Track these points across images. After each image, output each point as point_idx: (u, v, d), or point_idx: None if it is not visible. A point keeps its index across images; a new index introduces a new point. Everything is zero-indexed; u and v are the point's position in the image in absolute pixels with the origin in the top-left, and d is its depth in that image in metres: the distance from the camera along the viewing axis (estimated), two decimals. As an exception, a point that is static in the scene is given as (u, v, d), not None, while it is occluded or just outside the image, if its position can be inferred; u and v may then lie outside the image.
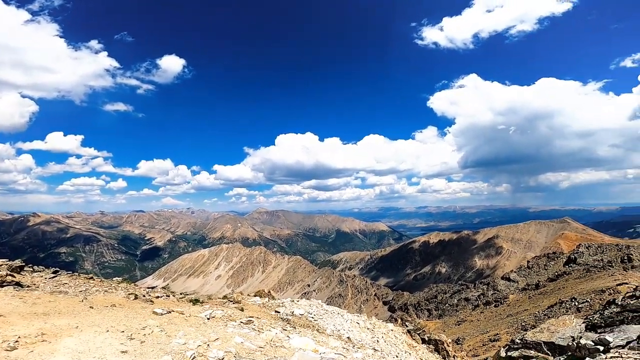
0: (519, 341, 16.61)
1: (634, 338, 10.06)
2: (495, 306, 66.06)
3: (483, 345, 45.37)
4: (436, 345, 21.79)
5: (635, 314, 14.49)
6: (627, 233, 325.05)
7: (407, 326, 24.62)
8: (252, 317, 11.98)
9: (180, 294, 18.48)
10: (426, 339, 22.35)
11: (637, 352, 7.71)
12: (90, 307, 9.82)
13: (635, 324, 12.49)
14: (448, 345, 22.21)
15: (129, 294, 13.06)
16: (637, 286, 19.50)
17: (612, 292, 42.77)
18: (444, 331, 55.17)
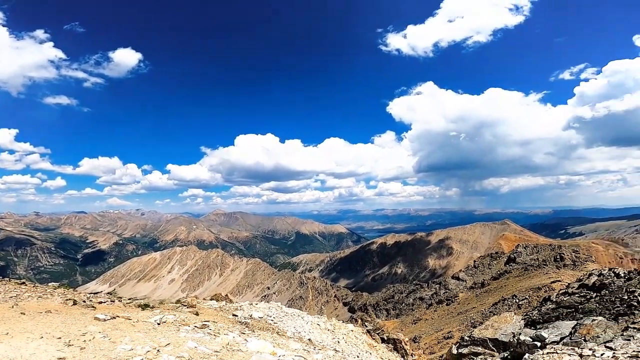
0: (467, 338, 17.24)
1: (567, 334, 10.78)
2: (447, 304, 69.51)
3: (438, 342, 47.40)
4: (395, 344, 22.37)
5: (568, 310, 15.77)
6: (559, 234, 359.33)
7: (366, 326, 25.06)
8: (207, 321, 11.38)
9: (129, 299, 17.20)
10: (385, 338, 22.86)
11: (570, 347, 8.28)
12: (22, 313, 8.80)
13: (568, 320, 13.56)
14: (406, 344, 22.90)
15: (67, 300, 11.87)
16: (569, 283, 21.40)
17: (547, 289, 46.83)
18: (402, 330, 56.94)
